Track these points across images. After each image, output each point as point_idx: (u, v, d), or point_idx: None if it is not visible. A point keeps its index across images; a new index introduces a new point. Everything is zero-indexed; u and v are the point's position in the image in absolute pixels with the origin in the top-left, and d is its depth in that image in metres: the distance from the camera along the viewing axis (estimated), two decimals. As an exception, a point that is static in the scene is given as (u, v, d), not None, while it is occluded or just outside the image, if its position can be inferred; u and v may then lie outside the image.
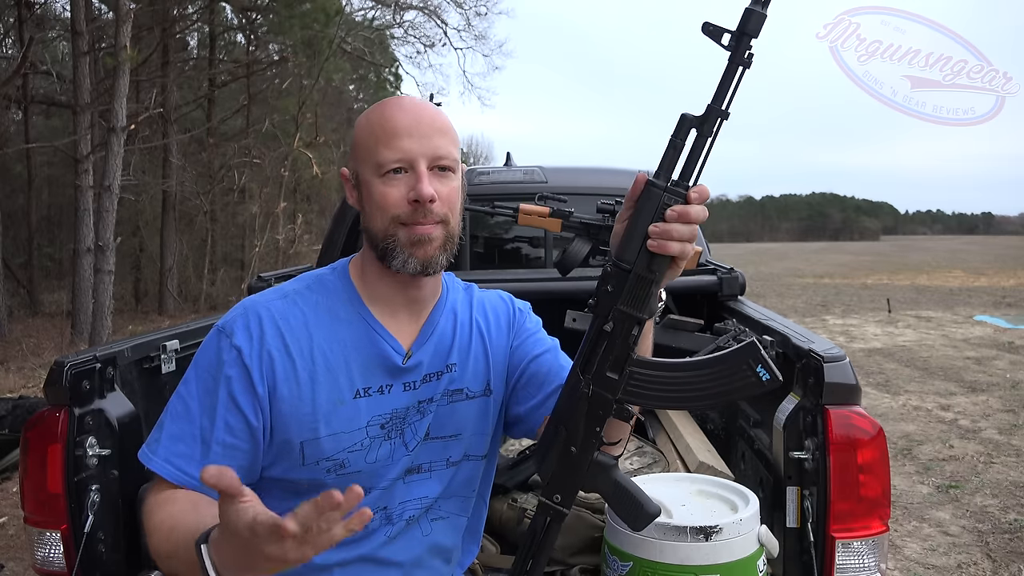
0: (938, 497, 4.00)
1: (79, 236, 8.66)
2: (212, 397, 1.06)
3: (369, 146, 1.09)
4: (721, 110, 0.92)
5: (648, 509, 1.03)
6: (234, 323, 1.09)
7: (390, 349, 1.13)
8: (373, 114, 1.11)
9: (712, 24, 0.90)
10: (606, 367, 0.98)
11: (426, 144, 1.07)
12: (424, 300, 1.18)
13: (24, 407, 4.58)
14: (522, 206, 2.22)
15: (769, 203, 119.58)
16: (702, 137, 0.92)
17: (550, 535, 1.04)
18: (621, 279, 0.95)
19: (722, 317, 2.24)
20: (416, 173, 1.07)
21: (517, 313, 1.28)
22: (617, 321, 0.96)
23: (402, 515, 1.16)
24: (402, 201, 1.07)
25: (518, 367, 1.23)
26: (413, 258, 1.08)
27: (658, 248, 0.93)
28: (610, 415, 0.99)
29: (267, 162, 13.87)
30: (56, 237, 15.58)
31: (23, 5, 11.07)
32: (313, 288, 1.16)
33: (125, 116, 8.56)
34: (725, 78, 0.91)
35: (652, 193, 0.94)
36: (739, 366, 0.97)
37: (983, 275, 19.77)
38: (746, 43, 0.90)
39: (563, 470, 1.02)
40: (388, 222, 1.08)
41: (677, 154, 0.93)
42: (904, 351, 8.34)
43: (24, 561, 3.32)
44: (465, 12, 17.52)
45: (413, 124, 1.07)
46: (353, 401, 1.11)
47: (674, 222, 0.93)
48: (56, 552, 1.46)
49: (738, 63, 0.91)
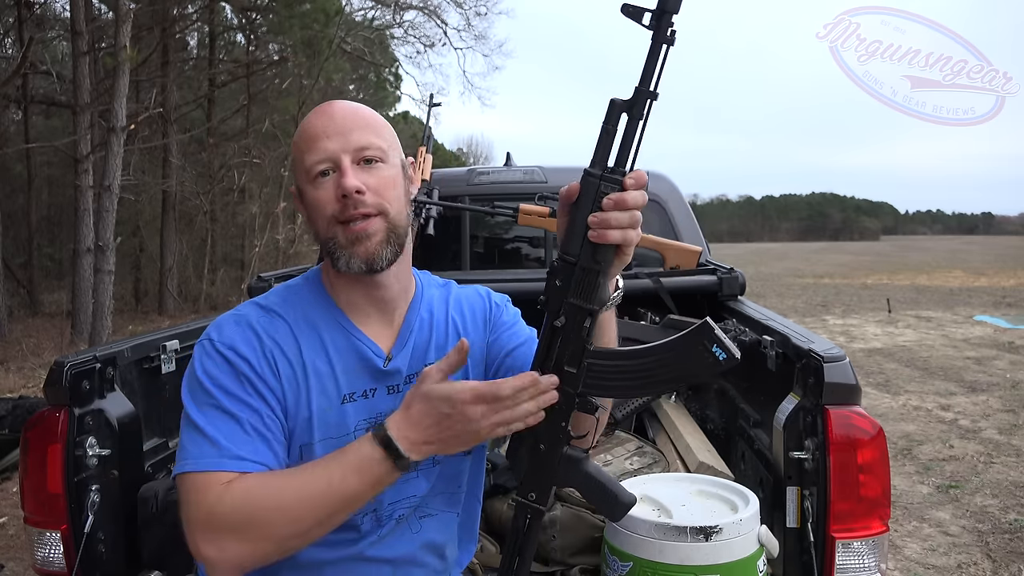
0: (938, 497, 4.00)
1: (79, 236, 8.66)
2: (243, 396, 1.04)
3: (299, 158, 1.11)
4: (649, 91, 0.90)
5: (623, 498, 1.04)
6: (232, 337, 1.09)
7: (370, 353, 1.14)
8: (299, 128, 1.14)
9: (631, 5, 0.88)
10: (564, 362, 0.97)
11: (345, 140, 1.08)
12: (392, 300, 1.17)
13: (24, 407, 4.58)
14: (522, 206, 2.22)
15: (769, 203, 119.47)
16: (633, 120, 0.91)
17: (531, 533, 1.04)
18: (568, 272, 0.95)
19: (722, 317, 2.24)
20: (340, 169, 1.08)
21: (494, 307, 1.28)
22: (568, 315, 0.96)
23: (392, 515, 1.16)
24: (332, 199, 1.08)
25: (495, 361, 1.23)
26: (355, 257, 1.08)
27: (598, 238, 0.92)
28: (573, 409, 0.99)
29: (267, 162, 13.87)
30: (56, 237, 15.58)
31: (23, 5, 11.08)
32: (289, 300, 1.16)
33: (125, 116, 8.56)
34: (650, 58, 0.89)
35: (588, 183, 0.93)
36: (695, 347, 0.96)
37: (983, 275, 19.76)
38: (667, 20, 0.88)
39: (535, 468, 1.02)
40: (326, 223, 1.09)
41: (610, 140, 0.92)
42: (904, 351, 8.34)
43: (24, 561, 3.32)
44: (465, 12, 17.53)
45: (330, 124, 1.09)
46: (341, 406, 1.12)
47: (611, 210, 0.92)
48: (56, 552, 1.46)
49: (661, 41, 0.88)
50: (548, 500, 1.04)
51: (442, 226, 2.64)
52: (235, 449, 1.01)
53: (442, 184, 2.80)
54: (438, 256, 2.99)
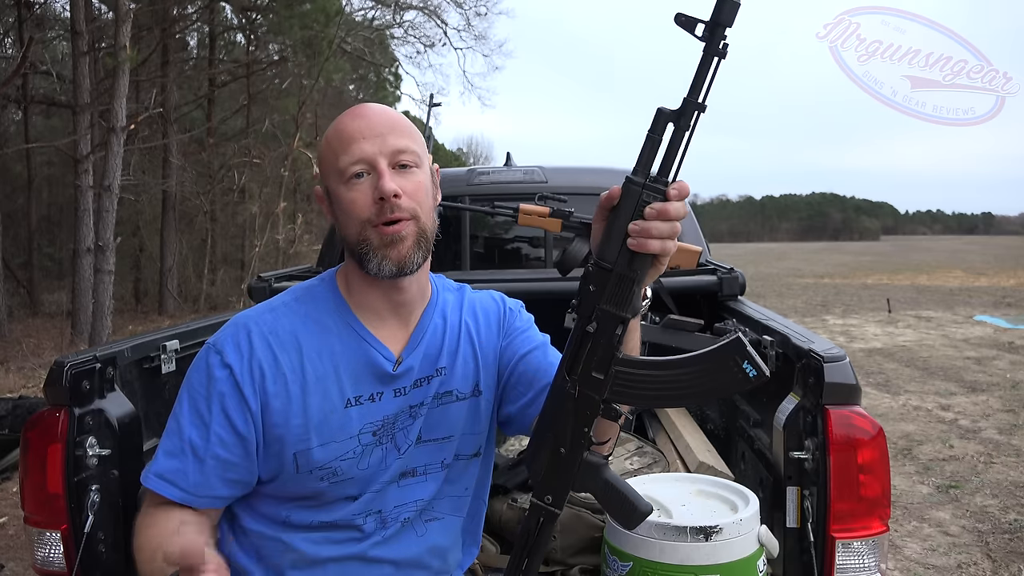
0: (938, 497, 4.00)
1: (79, 236, 8.66)
2: (206, 414, 1.08)
3: (330, 158, 1.10)
4: (698, 103, 0.89)
5: (640, 507, 1.03)
6: (224, 341, 1.11)
7: (380, 357, 1.14)
8: (331, 128, 1.13)
9: (685, 15, 0.88)
10: (591, 367, 0.97)
11: (382, 143, 1.08)
12: (410, 304, 1.18)
13: (24, 407, 4.58)
14: (522, 206, 2.22)
15: (769, 203, 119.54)
16: (679, 131, 0.90)
17: (543, 535, 1.04)
18: (603, 278, 0.94)
19: (722, 317, 2.24)
20: (378, 172, 1.07)
21: (507, 312, 1.28)
22: (600, 321, 0.95)
23: (397, 518, 1.16)
24: (368, 202, 1.08)
25: (508, 366, 1.23)
26: (388, 260, 1.08)
27: (638, 246, 0.91)
28: (597, 415, 0.99)
29: (267, 162, 13.88)
30: (56, 237, 15.59)
31: (23, 5, 11.08)
32: (302, 299, 1.17)
33: (125, 116, 8.56)
34: (700, 70, 0.89)
35: (631, 190, 0.92)
36: (725, 362, 0.95)
37: (983, 275, 19.77)
38: (720, 33, 0.87)
39: (553, 471, 1.01)
40: (359, 226, 1.09)
41: (655, 150, 0.91)
42: (904, 351, 8.34)
43: (24, 561, 3.32)
44: (465, 12, 17.54)
45: (366, 127, 1.09)
46: (344, 410, 1.12)
47: (653, 219, 0.91)
48: (56, 552, 1.46)
49: (713, 54, 0.88)
50: (563, 504, 1.03)
51: (442, 226, 2.64)
52: (160, 464, 1.08)
53: (442, 184, 2.77)
54: (438, 256, 2.96)
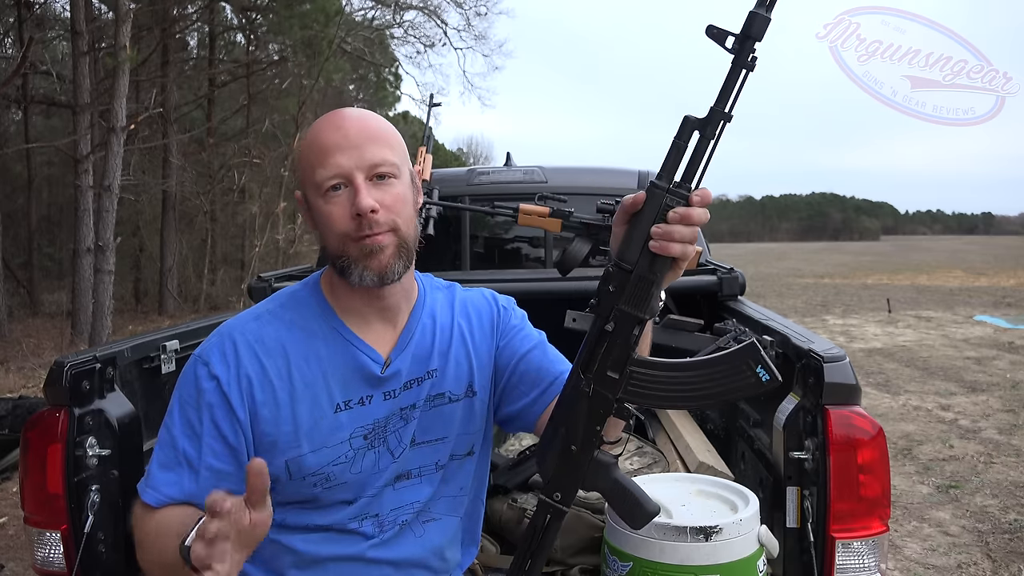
0: (938, 497, 4.00)
1: (79, 236, 8.65)
2: (197, 425, 1.08)
3: (307, 170, 1.09)
4: (724, 113, 0.92)
5: (647, 507, 1.04)
6: (210, 352, 1.11)
7: (367, 360, 1.14)
8: (308, 137, 1.12)
9: (716, 27, 0.90)
10: (607, 366, 0.98)
11: (358, 156, 1.07)
12: (395, 307, 1.18)
13: (24, 407, 4.58)
14: (522, 206, 2.22)
15: (769, 203, 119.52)
16: (704, 139, 0.92)
17: (549, 534, 1.04)
18: (623, 279, 0.95)
19: (722, 317, 2.24)
20: (354, 187, 1.06)
21: (501, 311, 1.28)
22: (618, 321, 0.96)
23: (395, 520, 1.16)
24: (346, 217, 1.07)
25: (508, 366, 1.23)
26: (368, 271, 1.08)
27: (660, 249, 0.93)
28: (610, 414, 1.00)
29: (267, 162, 13.87)
30: (56, 237, 15.59)
31: (23, 5, 11.08)
32: (286, 306, 1.17)
33: (125, 116, 8.55)
34: (728, 81, 0.91)
35: (655, 194, 0.94)
36: (739, 366, 0.97)
37: (983, 275, 19.76)
38: (750, 46, 0.90)
39: (563, 468, 1.02)
40: (338, 240, 1.08)
41: (680, 156, 0.93)
42: (904, 351, 8.34)
43: (24, 561, 3.32)
44: (465, 12, 17.53)
45: (342, 139, 1.07)
46: (334, 415, 1.12)
47: (676, 224, 0.92)
48: (56, 552, 1.46)
49: (741, 66, 0.90)
50: (571, 502, 1.04)
51: (442, 226, 2.64)
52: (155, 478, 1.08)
53: (442, 184, 2.80)
54: (438, 256, 2.98)
